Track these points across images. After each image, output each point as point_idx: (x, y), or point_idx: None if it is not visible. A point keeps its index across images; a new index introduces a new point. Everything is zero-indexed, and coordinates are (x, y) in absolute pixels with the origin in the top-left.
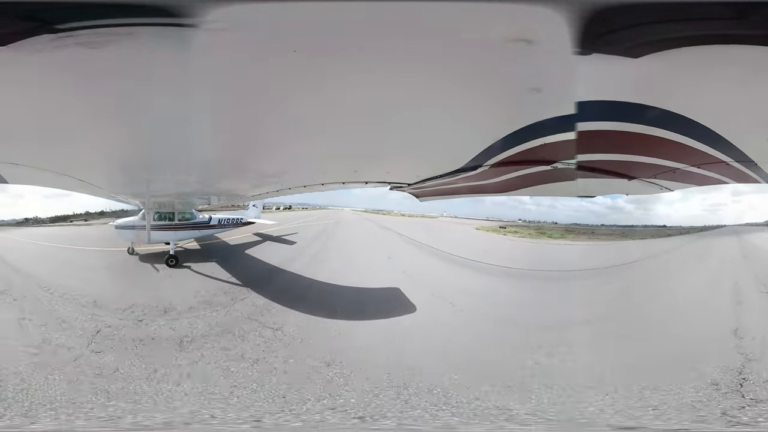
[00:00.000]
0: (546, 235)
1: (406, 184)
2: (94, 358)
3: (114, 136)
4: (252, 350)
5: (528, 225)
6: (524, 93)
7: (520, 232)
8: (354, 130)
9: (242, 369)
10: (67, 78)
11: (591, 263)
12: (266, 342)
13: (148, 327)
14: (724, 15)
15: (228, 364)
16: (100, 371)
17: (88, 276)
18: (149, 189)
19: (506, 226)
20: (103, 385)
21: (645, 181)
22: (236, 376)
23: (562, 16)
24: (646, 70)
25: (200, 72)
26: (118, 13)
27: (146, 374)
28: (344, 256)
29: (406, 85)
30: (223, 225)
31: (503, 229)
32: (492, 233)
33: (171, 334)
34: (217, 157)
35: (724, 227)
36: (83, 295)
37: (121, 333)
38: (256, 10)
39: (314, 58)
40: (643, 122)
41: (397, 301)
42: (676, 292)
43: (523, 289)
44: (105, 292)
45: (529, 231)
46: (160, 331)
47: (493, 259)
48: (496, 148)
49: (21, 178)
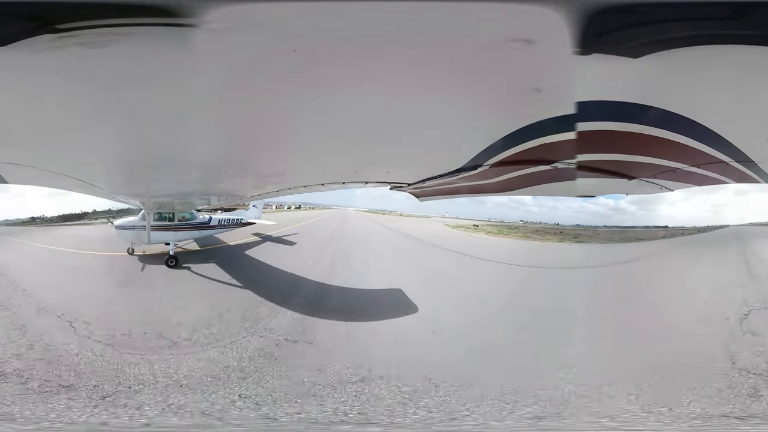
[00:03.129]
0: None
1: (406, 183)
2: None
3: (114, 136)
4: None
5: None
6: (524, 93)
7: (489, 230)
8: (354, 130)
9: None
10: (67, 78)
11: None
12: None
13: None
14: (724, 15)
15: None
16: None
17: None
18: (149, 189)
19: (478, 224)
20: None
21: (645, 181)
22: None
23: (562, 16)
24: (646, 70)
25: (200, 72)
26: (119, 13)
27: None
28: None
29: (406, 84)
30: (223, 225)
31: (475, 227)
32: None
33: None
34: (217, 157)
35: (726, 227)
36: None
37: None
38: (256, 10)
39: (314, 58)
40: (643, 122)
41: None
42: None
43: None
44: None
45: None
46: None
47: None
48: (496, 148)
49: (21, 179)
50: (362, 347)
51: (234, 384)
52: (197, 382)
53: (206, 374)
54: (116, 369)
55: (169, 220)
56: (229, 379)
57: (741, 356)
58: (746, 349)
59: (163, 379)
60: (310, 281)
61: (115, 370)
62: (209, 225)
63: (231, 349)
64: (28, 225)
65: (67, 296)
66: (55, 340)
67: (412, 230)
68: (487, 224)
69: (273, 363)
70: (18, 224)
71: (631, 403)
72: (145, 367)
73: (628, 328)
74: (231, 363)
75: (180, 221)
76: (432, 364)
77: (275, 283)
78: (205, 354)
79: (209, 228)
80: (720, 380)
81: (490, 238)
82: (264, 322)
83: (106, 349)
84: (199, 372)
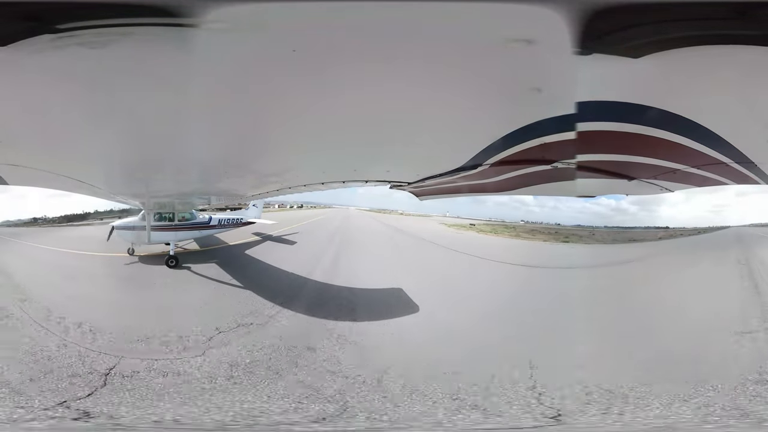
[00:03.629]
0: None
1: (406, 182)
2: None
3: (114, 137)
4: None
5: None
6: (524, 93)
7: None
8: (354, 129)
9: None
10: (67, 78)
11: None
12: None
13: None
14: (724, 15)
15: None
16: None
17: None
18: (149, 189)
19: (474, 223)
20: None
21: (645, 181)
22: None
23: (562, 16)
24: (646, 70)
25: (200, 72)
26: (119, 13)
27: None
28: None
29: (406, 84)
30: (223, 225)
31: (472, 225)
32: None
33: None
34: (217, 157)
35: (728, 228)
36: None
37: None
38: (256, 10)
39: (314, 58)
40: (643, 123)
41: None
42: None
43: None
44: None
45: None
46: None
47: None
48: (496, 147)
49: (21, 179)
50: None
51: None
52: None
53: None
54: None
55: (169, 220)
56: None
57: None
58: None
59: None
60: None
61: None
62: (209, 225)
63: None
64: (32, 226)
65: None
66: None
67: (409, 228)
68: (483, 224)
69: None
70: (20, 225)
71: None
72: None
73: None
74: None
75: (180, 221)
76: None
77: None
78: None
79: (209, 228)
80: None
81: (480, 236)
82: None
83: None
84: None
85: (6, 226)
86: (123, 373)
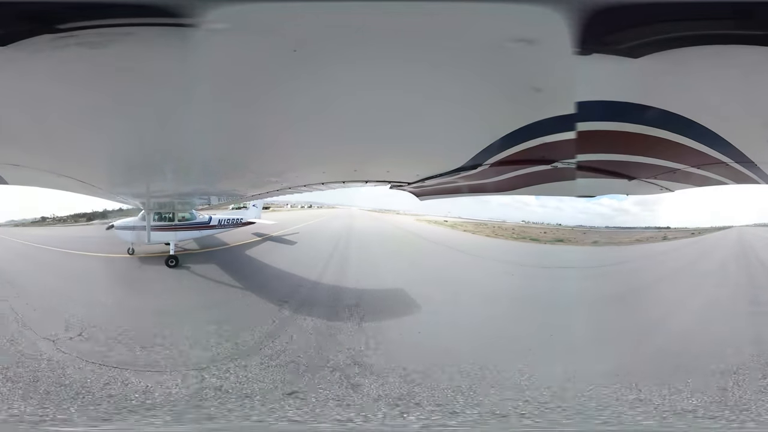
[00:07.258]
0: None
1: (406, 183)
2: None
3: (114, 137)
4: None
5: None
6: (524, 93)
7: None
8: (354, 130)
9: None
10: (67, 78)
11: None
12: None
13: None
14: (724, 15)
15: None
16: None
17: None
18: (149, 189)
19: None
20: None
21: (645, 181)
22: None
23: (562, 16)
24: (646, 70)
25: (200, 72)
26: (119, 13)
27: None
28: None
29: (405, 84)
30: (223, 225)
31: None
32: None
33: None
34: (217, 157)
35: (730, 228)
36: None
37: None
38: (256, 10)
39: (314, 58)
40: (643, 122)
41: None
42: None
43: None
44: None
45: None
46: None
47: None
48: (496, 147)
49: (21, 179)
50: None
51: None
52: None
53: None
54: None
55: (169, 220)
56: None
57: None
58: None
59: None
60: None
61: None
62: (209, 225)
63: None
64: (38, 225)
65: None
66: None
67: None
68: (467, 222)
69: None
70: (26, 225)
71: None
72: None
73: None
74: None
75: (180, 221)
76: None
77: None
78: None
79: (209, 228)
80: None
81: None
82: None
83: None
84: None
85: (10, 225)
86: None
